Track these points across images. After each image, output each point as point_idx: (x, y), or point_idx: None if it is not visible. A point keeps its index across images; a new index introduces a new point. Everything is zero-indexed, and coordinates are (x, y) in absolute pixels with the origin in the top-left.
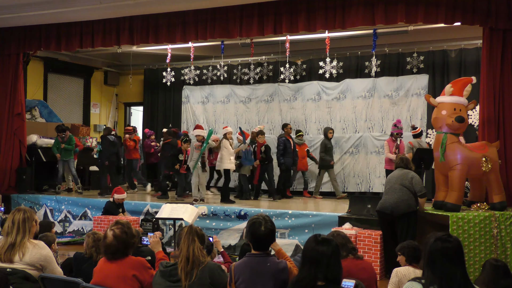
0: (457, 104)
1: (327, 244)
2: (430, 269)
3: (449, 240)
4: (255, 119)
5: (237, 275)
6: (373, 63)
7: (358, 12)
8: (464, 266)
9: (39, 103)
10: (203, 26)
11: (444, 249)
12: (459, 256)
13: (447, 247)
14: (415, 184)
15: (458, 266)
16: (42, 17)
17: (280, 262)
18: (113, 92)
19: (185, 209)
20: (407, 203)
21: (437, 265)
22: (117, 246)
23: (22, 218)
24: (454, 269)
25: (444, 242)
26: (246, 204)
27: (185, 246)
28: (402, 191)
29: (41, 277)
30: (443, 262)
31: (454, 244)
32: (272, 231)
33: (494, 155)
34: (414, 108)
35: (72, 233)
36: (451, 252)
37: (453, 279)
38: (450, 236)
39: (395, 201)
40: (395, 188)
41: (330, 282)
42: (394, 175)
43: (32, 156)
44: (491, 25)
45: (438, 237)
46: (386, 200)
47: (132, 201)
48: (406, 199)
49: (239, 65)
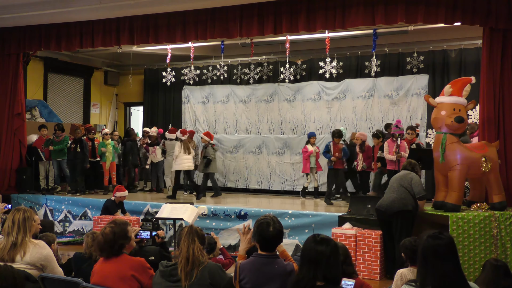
0: (457, 104)
1: (326, 244)
2: (422, 267)
3: (440, 237)
4: (255, 119)
5: (242, 274)
6: (373, 63)
7: (358, 12)
8: (457, 263)
9: (39, 103)
10: (203, 26)
11: (435, 246)
12: (451, 253)
13: (438, 244)
14: (414, 185)
15: (449, 263)
16: (42, 17)
17: (287, 265)
18: (113, 92)
19: (185, 209)
20: (402, 202)
21: (429, 262)
22: (103, 244)
23: (22, 217)
24: (445, 266)
25: (435, 239)
26: (246, 204)
27: (185, 246)
28: (400, 190)
29: (41, 277)
30: (435, 260)
31: (445, 241)
32: (280, 232)
33: (493, 155)
34: (414, 108)
35: (72, 233)
36: (442, 249)
37: (445, 276)
38: (442, 233)
39: (391, 200)
40: (393, 188)
41: (330, 282)
42: (396, 176)
43: (32, 156)
44: (491, 25)
45: (430, 234)
46: (384, 199)
47: (132, 201)
48: (401, 198)
49: (239, 65)
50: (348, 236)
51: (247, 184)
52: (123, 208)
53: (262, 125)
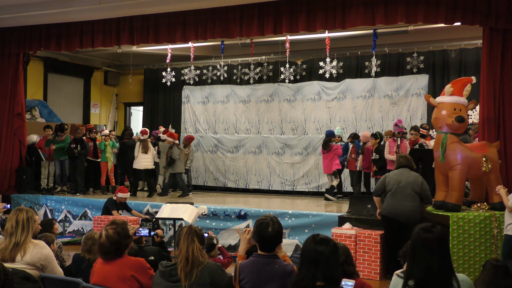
0: (457, 104)
1: (325, 244)
2: (411, 259)
3: (431, 230)
4: (255, 119)
5: (242, 274)
6: (373, 63)
7: (358, 12)
8: (447, 257)
9: (39, 103)
10: (203, 26)
11: (425, 239)
12: (440, 247)
13: (427, 237)
14: (425, 190)
15: (436, 256)
16: (42, 17)
17: (287, 265)
18: (113, 92)
19: (185, 209)
20: (420, 213)
21: (417, 255)
22: (109, 246)
23: (26, 217)
24: (432, 258)
25: (426, 232)
26: (246, 204)
27: (185, 246)
28: (414, 199)
29: (41, 277)
30: (423, 252)
31: (436, 234)
32: (279, 232)
33: (494, 155)
34: (414, 108)
35: (72, 233)
36: (431, 243)
37: (429, 268)
38: (435, 227)
39: (410, 210)
40: (407, 194)
41: (329, 282)
42: (402, 177)
43: (32, 156)
44: (491, 25)
45: (422, 227)
46: (398, 207)
47: (132, 201)
48: (419, 209)
49: (239, 65)
50: (348, 236)
51: (247, 184)
52: (127, 207)
53: (262, 125)
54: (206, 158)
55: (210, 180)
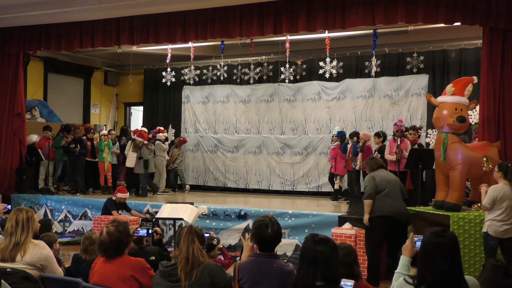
0: (458, 104)
1: (325, 244)
2: (422, 264)
3: (443, 235)
4: (255, 119)
5: (241, 274)
6: (373, 63)
7: (358, 12)
8: (459, 263)
9: (39, 103)
10: (203, 26)
11: (437, 244)
12: (453, 253)
13: (440, 242)
14: (404, 188)
15: (448, 261)
16: (42, 17)
17: (287, 265)
18: (113, 92)
19: (185, 209)
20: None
21: (428, 260)
22: (110, 243)
23: (25, 217)
24: (444, 264)
25: (437, 237)
26: (246, 204)
27: (185, 247)
28: (400, 197)
29: (41, 277)
30: (435, 258)
31: (448, 239)
32: (278, 233)
33: (495, 155)
34: (414, 108)
35: (72, 233)
36: (444, 248)
37: (441, 274)
38: (445, 231)
39: (405, 208)
40: (398, 193)
41: (329, 282)
42: (388, 177)
43: (32, 156)
44: (491, 25)
45: (433, 231)
46: (397, 206)
47: (132, 201)
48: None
49: (239, 65)
50: (348, 236)
51: (247, 184)
52: (127, 207)
53: (262, 125)
54: (206, 158)
55: (210, 180)
